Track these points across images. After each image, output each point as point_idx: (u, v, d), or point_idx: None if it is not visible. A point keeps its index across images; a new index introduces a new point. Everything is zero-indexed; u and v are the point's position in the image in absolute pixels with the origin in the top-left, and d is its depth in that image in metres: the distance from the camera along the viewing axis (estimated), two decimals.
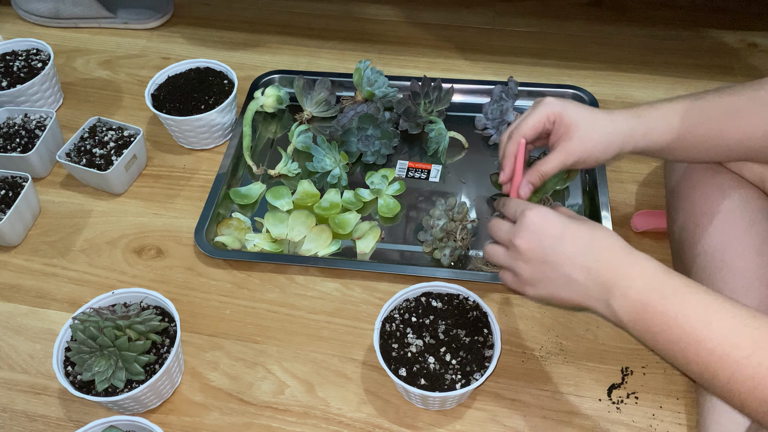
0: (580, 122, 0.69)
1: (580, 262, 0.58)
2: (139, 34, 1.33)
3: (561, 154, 0.70)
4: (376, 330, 0.76)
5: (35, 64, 1.13)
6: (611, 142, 0.69)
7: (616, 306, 0.57)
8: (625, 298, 0.56)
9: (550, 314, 0.86)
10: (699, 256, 0.74)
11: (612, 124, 0.69)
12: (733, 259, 0.71)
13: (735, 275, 0.71)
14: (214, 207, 0.98)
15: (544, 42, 1.26)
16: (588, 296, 0.59)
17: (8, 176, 0.99)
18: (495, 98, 1.06)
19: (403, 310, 0.78)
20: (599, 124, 0.69)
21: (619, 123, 0.70)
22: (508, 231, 0.64)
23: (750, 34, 1.26)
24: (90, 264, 0.95)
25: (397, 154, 1.06)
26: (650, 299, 0.55)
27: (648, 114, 0.70)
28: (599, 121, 0.69)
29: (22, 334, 0.88)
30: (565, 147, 0.69)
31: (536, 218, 0.61)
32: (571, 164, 0.70)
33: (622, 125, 0.69)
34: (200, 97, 1.06)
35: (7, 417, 0.80)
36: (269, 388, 0.81)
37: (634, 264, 0.57)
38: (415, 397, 0.75)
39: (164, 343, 0.78)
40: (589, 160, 0.70)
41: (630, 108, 0.71)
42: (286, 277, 0.92)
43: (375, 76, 1.07)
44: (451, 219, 0.91)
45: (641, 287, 0.56)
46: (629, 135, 0.69)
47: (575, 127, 0.69)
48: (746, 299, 0.69)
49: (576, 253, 0.59)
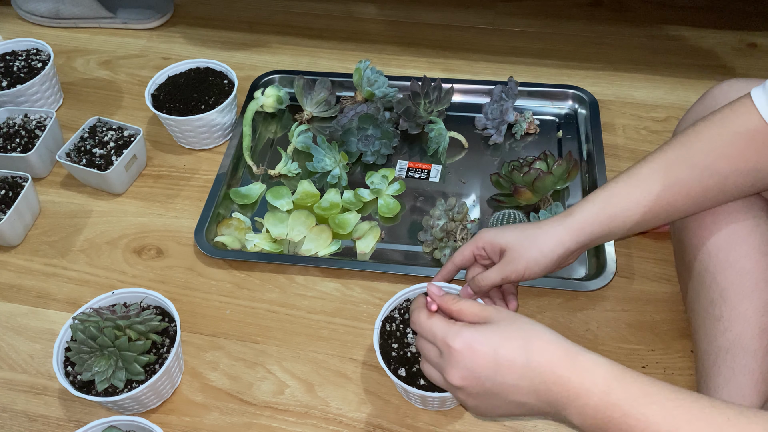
0: (512, 244, 0.72)
1: (525, 388, 0.54)
2: (139, 34, 1.33)
3: (500, 271, 0.72)
4: (376, 330, 0.76)
5: (35, 64, 1.13)
6: (548, 250, 0.70)
7: (576, 422, 0.53)
8: (583, 416, 0.52)
9: (550, 314, 0.86)
10: (702, 256, 0.74)
11: (544, 234, 0.71)
12: (738, 259, 0.71)
13: (741, 275, 0.70)
14: (214, 207, 0.98)
15: (544, 42, 1.26)
16: (544, 413, 0.56)
17: (8, 176, 0.99)
18: (495, 98, 1.06)
19: (404, 310, 0.78)
20: (531, 239, 0.71)
21: (552, 229, 0.71)
22: (438, 362, 0.58)
23: (750, 34, 1.26)
24: (90, 264, 0.95)
25: (397, 154, 1.06)
26: (610, 417, 0.51)
27: (582, 209, 0.71)
28: (531, 236, 0.71)
29: (22, 334, 0.88)
30: (503, 268, 0.72)
31: (463, 351, 0.55)
32: (513, 280, 0.72)
33: (556, 229, 0.71)
34: (200, 97, 1.06)
35: (7, 417, 0.80)
36: (269, 388, 0.81)
37: (582, 378, 0.52)
38: (415, 398, 0.75)
39: (164, 343, 0.78)
40: (531, 272, 0.72)
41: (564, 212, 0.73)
42: (286, 277, 0.92)
43: (375, 76, 1.07)
44: (451, 219, 0.91)
45: (598, 405, 0.51)
46: (564, 235, 0.70)
47: (508, 249, 0.72)
48: (752, 300, 0.69)
49: (518, 381, 0.54)
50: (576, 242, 0.70)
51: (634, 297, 0.88)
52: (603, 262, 0.88)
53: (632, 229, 0.71)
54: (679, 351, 0.83)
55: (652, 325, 0.85)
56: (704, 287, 0.73)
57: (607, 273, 0.87)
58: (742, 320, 0.69)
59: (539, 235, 0.71)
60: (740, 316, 0.69)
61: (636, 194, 0.69)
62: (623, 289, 0.89)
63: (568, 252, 0.71)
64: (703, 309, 0.73)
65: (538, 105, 1.11)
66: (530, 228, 0.73)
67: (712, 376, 0.70)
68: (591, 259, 0.91)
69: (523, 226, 0.74)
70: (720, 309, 0.71)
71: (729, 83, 0.77)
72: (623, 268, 0.91)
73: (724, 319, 0.70)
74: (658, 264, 0.91)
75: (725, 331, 0.70)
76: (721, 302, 0.71)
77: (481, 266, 0.78)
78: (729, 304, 0.70)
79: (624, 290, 0.89)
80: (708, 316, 0.72)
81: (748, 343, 0.68)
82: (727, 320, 0.70)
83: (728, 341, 0.69)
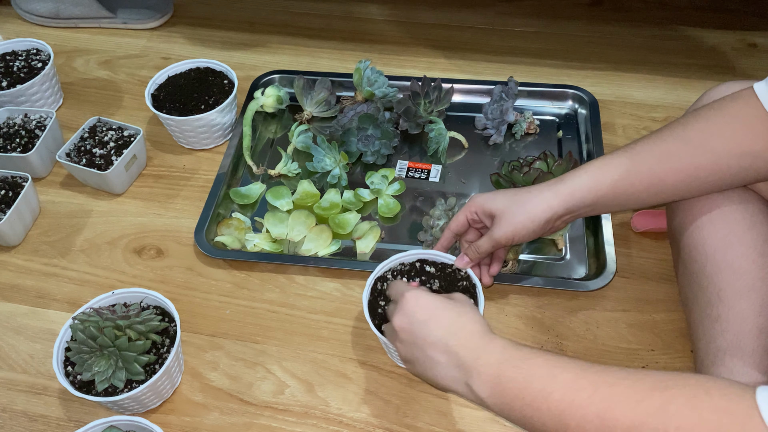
0: (501, 209, 0.74)
1: (443, 346, 0.62)
2: (139, 34, 1.33)
3: (490, 237, 0.76)
4: (367, 286, 0.78)
5: (35, 64, 1.13)
6: (536, 214, 0.72)
7: (475, 386, 0.60)
8: (481, 375, 0.59)
9: (550, 314, 0.86)
10: (698, 257, 0.74)
11: (534, 198, 0.73)
12: (735, 259, 0.71)
13: (737, 276, 0.70)
14: (214, 207, 0.98)
15: (544, 42, 1.26)
16: (451, 378, 0.62)
17: (8, 176, 0.99)
18: (495, 98, 1.06)
19: (396, 272, 0.81)
20: (520, 204, 0.73)
21: (541, 194, 0.73)
22: (392, 311, 0.69)
23: (750, 34, 1.26)
24: (90, 264, 0.95)
25: (397, 154, 1.06)
26: (502, 371, 0.59)
27: (573, 176, 0.72)
28: (520, 201, 0.74)
29: (22, 334, 0.88)
30: (492, 232, 0.75)
31: (410, 301, 0.66)
32: (504, 244, 0.75)
33: (545, 194, 0.72)
34: (200, 97, 1.06)
35: (7, 417, 0.80)
36: (269, 388, 0.81)
37: (488, 344, 0.61)
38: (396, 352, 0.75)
39: (164, 343, 0.78)
40: (520, 236, 0.74)
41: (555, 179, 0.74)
42: (286, 277, 0.92)
43: (375, 76, 1.07)
44: (451, 219, 0.91)
45: (494, 362, 0.59)
46: (553, 199, 0.72)
47: (498, 214, 0.75)
48: (749, 299, 0.69)
49: (439, 338, 0.63)
50: (564, 207, 0.72)
51: (634, 297, 0.88)
52: (603, 262, 0.88)
53: (621, 203, 0.73)
54: (679, 351, 0.83)
55: (652, 325, 0.85)
56: (701, 288, 0.73)
57: (607, 273, 0.87)
58: (739, 320, 0.69)
59: (529, 200, 0.73)
60: (738, 317, 0.69)
61: (627, 164, 0.70)
62: (623, 289, 0.89)
63: (556, 216, 0.73)
64: (701, 310, 0.73)
65: (538, 105, 1.11)
66: (520, 192, 0.75)
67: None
68: (591, 259, 0.91)
69: (513, 191, 0.76)
70: (717, 309, 0.71)
71: (727, 85, 0.77)
72: (623, 268, 0.91)
73: (722, 319, 0.70)
74: (658, 264, 0.91)
75: (723, 332, 0.70)
76: (718, 303, 0.71)
77: (475, 230, 0.81)
78: (726, 304, 0.70)
79: (624, 290, 0.89)
80: (706, 317, 0.72)
81: (746, 344, 0.68)
82: (725, 321, 0.70)
83: (726, 342, 0.69)
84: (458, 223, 0.80)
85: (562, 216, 0.73)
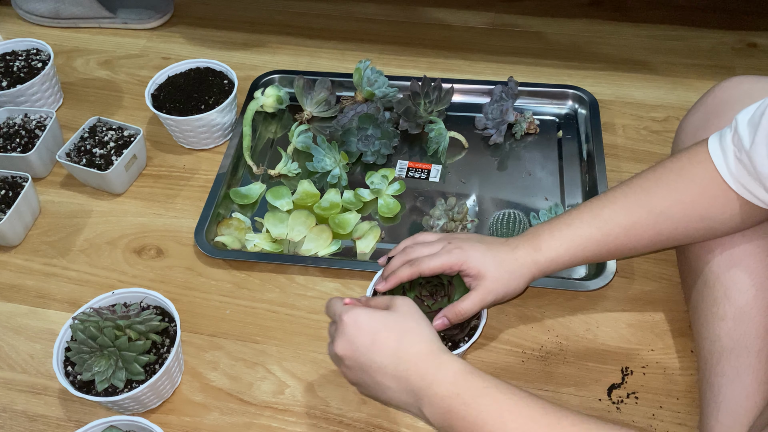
0: (486, 268, 0.72)
1: (391, 372, 0.61)
2: (139, 34, 1.33)
3: (478, 297, 0.72)
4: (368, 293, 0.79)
5: (35, 64, 1.13)
6: (521, 276, 0.72)
7: (427, 412, 0.59)
8: (432, 404, 0.59)
9: (550, 314, 0.86)
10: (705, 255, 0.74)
11: (516, 261, 0.72)
12: (743, 258, 0.71)
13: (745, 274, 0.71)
14: (214, 207, 0.98)
15: (544, 42, 1.26)
16: (403, 402, 0.62)
17: (8, 176, 0.99)
18: (495, 98, 1.06)
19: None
20: (505, 265, 0.72)
21: (522, 259, 0.72)
22: (331, 333, 0.67)
23: (750, 34, 1.26)
24: (90, 264, 0.95)
25: (397, 154, 1.06)
26: (453, 405, 0.58)
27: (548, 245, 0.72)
28: (505, 262, 0.72)
29: (22, 334, 0.88)
30: (480, 292, 0.72)
31: (349, 325, 0.63)
32: (489, 304, 0.73)
33: (526, 260, 0.72)
34: (200, 97, 1.06)
35: (7, 417, 0.80)
36: (269, 388, 0.81)
37: (438, 370, 0.60)
38: None
39: (164, 343, 0.78)
40: (506, 297, 0.73)
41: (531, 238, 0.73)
42: (286, 277, 0.92)
43: (375, 76, 1.07)
44: (451, 219, 0.91)
45: (444, 393, 0.58)
46: (534, 266, 0.72)
47: (483, 272, 0.72)
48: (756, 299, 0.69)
49: (386, 363, 0.61)
50: (542, 274, 0.74)
51: (634, 297, 0.88)
52: (603, 262, 0.88)
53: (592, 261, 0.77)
54: (679, 351, 0.83)
55: (652, 325, 0.85)
56: (708, 286, 0.73)
57: (607, 273, 0.87)
58: (746, 319, 0.69)
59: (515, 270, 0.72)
60: (744, 316, 0.69)
61: (597, 236, 0.71)
62: (623, 289, 0.89)
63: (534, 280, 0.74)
64: (707, 308, 0.73)
65: (538, 105, 1.11)
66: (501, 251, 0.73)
67: (716, 377, 0.70)
68: None
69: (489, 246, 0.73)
70: (724, 308, 0.71)
71: (737, 79, 0.77)
72: (623, 268, 0.91)
73: (728, 318, 0.70)
74: (658, 264, 0.91)
75: (729, 331, 0.70)
76: (725, 301, 0.71)
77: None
78: (733, 303, 0.70)
79: (624, 290, 0.89)
80: (711, 316, 0.72)
81: (752, 343, 0.68)
82: (731, 319, 0.70)
83: (732, 341, 0.69)
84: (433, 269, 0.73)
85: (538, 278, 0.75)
